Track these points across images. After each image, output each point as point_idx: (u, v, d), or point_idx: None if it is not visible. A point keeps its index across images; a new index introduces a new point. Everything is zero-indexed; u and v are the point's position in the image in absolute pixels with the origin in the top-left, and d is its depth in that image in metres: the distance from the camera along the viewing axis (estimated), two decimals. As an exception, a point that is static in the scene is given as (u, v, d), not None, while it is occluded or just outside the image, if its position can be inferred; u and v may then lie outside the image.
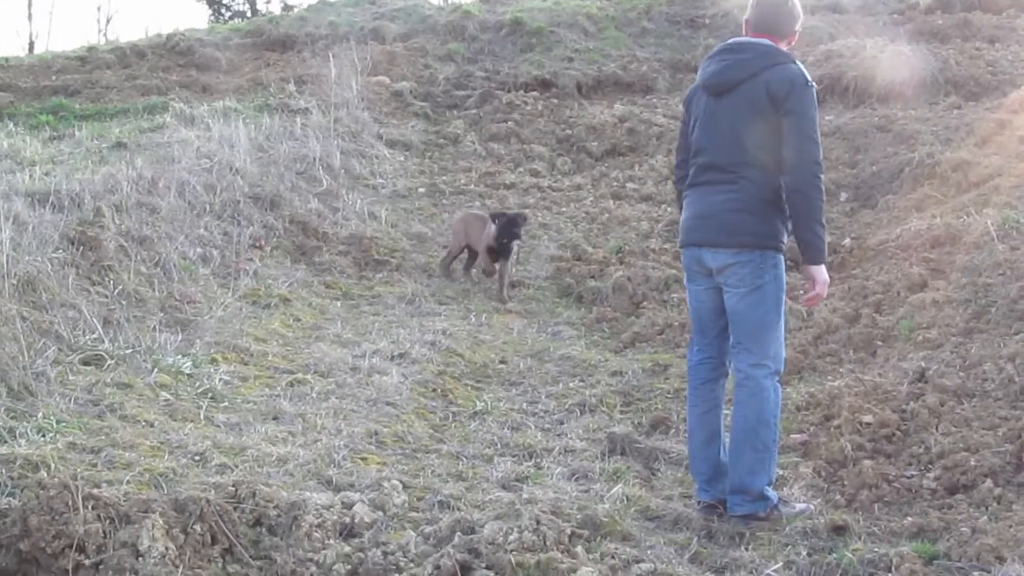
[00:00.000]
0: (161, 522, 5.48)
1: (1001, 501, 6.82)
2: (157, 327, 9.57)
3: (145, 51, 23.71)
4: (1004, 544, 6.24)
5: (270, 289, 11.45)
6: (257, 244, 12.65)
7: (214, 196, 12.87)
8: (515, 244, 13.08)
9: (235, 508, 5.78)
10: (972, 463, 7.18)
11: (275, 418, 8.08)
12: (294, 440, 7.61)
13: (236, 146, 14.69)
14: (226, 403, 8.26)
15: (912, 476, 7.36)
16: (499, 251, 12.93)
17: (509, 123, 19.20)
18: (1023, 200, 11.10)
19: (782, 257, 6.66)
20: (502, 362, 10.43)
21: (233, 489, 5.96)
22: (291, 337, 10.29)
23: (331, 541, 5.80)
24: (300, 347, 9.99)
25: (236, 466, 6.94)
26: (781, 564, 6.25)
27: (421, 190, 16.41)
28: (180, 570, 5.34)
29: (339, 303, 11.69)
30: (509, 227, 12.78)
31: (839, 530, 6.49)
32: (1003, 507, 6.75)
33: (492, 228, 12.85)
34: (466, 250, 13.63)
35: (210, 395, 8.32)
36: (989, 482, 6.99)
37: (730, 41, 6.87)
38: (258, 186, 13.85)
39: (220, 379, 8.66)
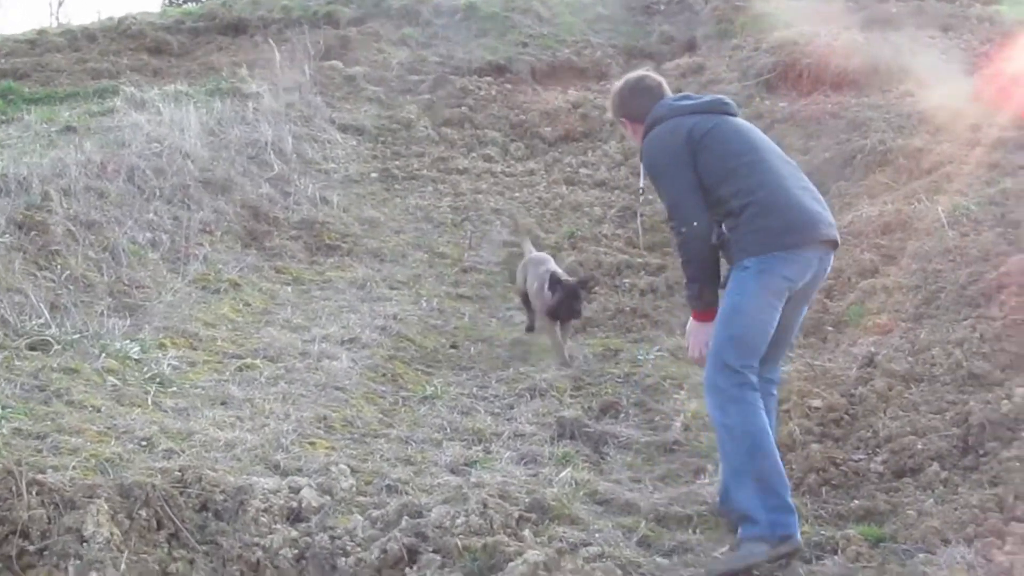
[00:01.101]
0: (106, 507, 5.46)
1: (947, 484, 6.87)
2: (105, 312, 9.49)
3: (96, 34, 23.48)
4: (949, 527, 6.29)
5: (220, 274, 11.39)
6: (207, 229, 12.57)
7: (164, 180, 12.78)
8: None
9: (181, 493, 5.77)
10: (919, 447, 7.23)
11: (223, 403, 8.04)
12: (242, 425, 7.59)
13: (187, 130, 14.59)
14: (174, 388, 8.21)
15: (860, 460, 7.41)
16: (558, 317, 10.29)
17: (463, 108, 19.15)
18: (974, 187, 11.15)
19: None
20: (453, 347, 10.43)
21: (179, 474, 5.95)
22: (240, 322, 10.25)
23: (278, 526, 5.79)
24: (249, 332, 9.94)
25: (183, 451, 6.91)
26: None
27: (374, 175, 16.36)
28: (125, 555, 5.31)
29: (289, 288, 11.64)
30: (569, 303, 10.11)
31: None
32: (949, 490, 6.80)
33: (547, 295, 10.18)
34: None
35: (158, 380, 8.26)
36: (936, 465, 7.04)
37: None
38: (208, 171, 13.77)
39: (168, 364, 8.61)
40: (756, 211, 6.17)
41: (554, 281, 10.11)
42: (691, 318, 6.49)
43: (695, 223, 6.19)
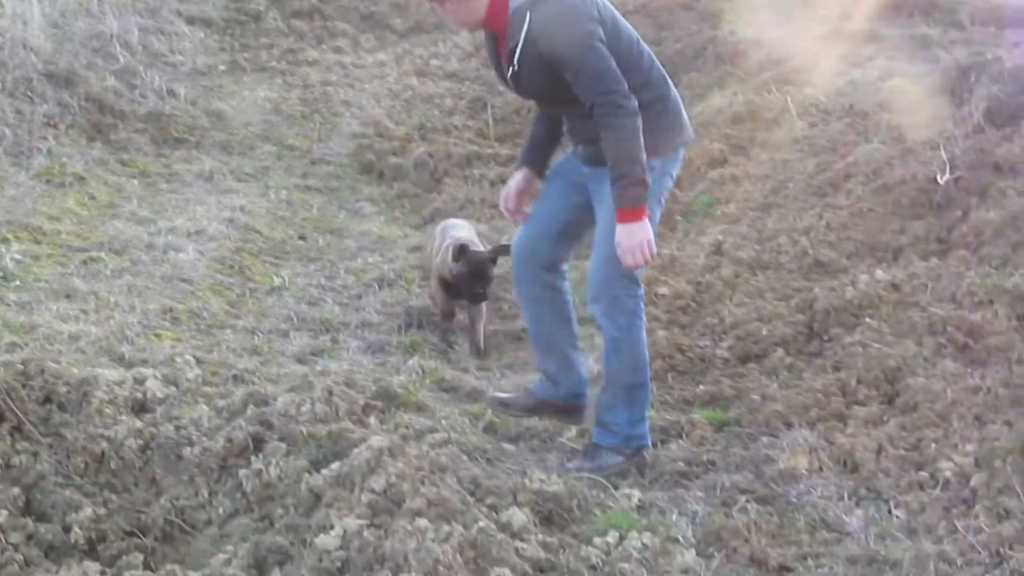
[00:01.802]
0: (-54, 401, 5.42)
1: (791, 369, 7.07)
2: (-55, 207, 9.34)
3: (-69, -77, 22.74)
4: (792, 411, 6.49)
5: (64, 168, 11.18)
6: (51, 123, 12.31)
7: (6, 73, 12.46)
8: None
9: (24, 386, 5.71)
10: (764, 333, 7.42)
11: (67, 296, 7.97)
12: (86, 318, 7.54)
13: (29, 23, 14.18)
14: (17, 282, 8.11)
15: (705, 346, 7.58)
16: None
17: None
18: (823, 78, 11.31)
19: None
20: (301, 238, 10.39)
21: (22, 367, 5.87)
22: (86, 216, 10.11)
23: (123, 416, 5.77)
24: (95, 225, 9.82)
25: (26, 344, 6.86)
26: (575, 432, 6.41)
27: (222, 67, 16.09)
28: (-34, 448, 5.29)
29: (136, 181, 11.46)
30: (472, 282, 7.89)
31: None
32: (793, 375, 7.00)
33: (450, 260, 7.95)
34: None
35: (1, 274, 8.16)
36: (780, 351, 7.23)
37: None
38: (52, 63, 13.43)
39: (11, 258, 8.49)
40: (664, 107, 5.83)
41: (460, 251, 7.85)
42: (627, 220, 5.57)
43: (632, 97, 5.52)
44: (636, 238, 5.53)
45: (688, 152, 10.86)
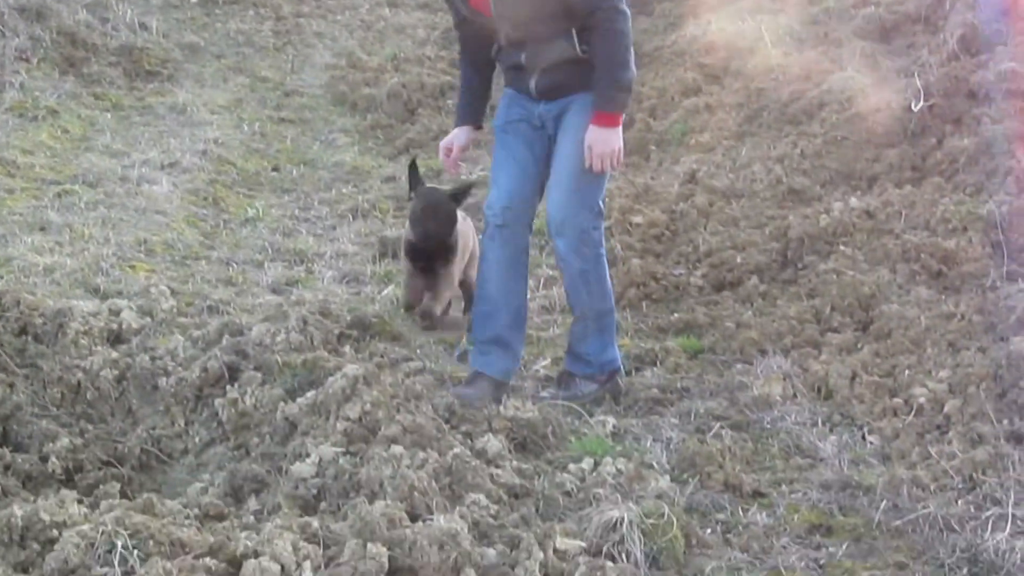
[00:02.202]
0: (-79, 332, 5.41)
1: (766, 297, 7.11)
2: (-82, 138, 9.29)
3: None
4: (767, 338, 6.52)
5: (37, 101, 11.11)
6: (23, 56, 12.23)
7: (-24, 8, 12.41)
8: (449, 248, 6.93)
9: (-1, 317, 5.72)
10: (739, 261, 7.44)
11: (42, 229, 7.95)
12: (61, 250, 7.53)
13: (-1, -45, 14.12)
14: (-10, 215, 8.09)
15: (680, 274, 7.60)
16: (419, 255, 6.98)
17: (283, -70, 18.74)
18: (798, 7, 11.28)
19: None
20: (275, 170, 10.38)
21: (-3, 298, 5.87)
22: (59, 149, 10.06)
23: (98, 347, 5.75)
24: (68, 158, 9.78)
25: (1, 277, 6.84)
26: (549, 360, 6.43)
27: (194, 0, 16.00)
28: (-58, 379, 5.29)
29: (109, 114, 11.42)
30: (426, 218, 6.72)
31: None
32: (767, 303, 7.04)
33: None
34: None
35: (-26, 208, 8.14)
36: (755, 279, 7.26)
37: None
38: (23, -3, 13.37)
39: (-16, 191, 8.47)
40: None
41: (413, 177, 6.81)
42: (604, 125, 5.58)
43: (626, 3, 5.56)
44: (611, 144, 5.57)
45: (662, 81, 10.89)
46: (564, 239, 5.78)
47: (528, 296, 6.18)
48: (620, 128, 5.62)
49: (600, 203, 5.83)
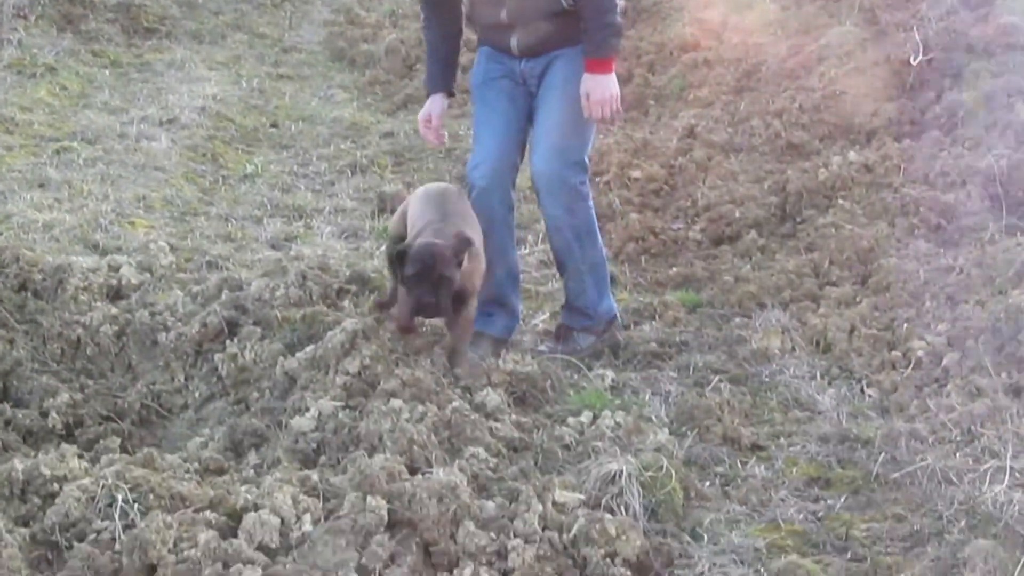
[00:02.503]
0: (-80, 289, 5.42)
1: (764, 251, 7.11)
2: (-85, 97, 9.27)
3: None
4: (765, 292, 6.52)
5: (35, 59, 11.09)
6: (21, 14, 12.20)
7: (-27, -36, 12.35)
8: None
9: (-2, 273, 5.72)
10: (737, 215, 7.43)
11: (41, 185, 7.96)
12: (60, 206, 7.53)
13: (-6, -88, 14.05)
14: (-11, 172, 8.09)
15: (679, 228, 7.59)
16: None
17: None
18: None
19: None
20: (273, 126, 10.36)
21: (-4, 255, 5.87)
22: (57, 106, 10.05)
23: (98, 303, 5.76)
24: (67, 115, 9.77)
25: (0, 233, 6.84)
26: (548, 314, 6.44)
27: (191, -45, 15.94)
28: (-60, 335, 5.30)
29: (107, 71, 11.40)
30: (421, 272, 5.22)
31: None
32: (766, 257, 7.04)
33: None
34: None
35: (-27, 166, 8.13)
36: (753, 233, 7.26)
37: None
38: (20, -47, 13.31)
39: (-17, 149, 8.46)
40: None
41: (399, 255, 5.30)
42: (599, 71, 5.52)
43: None
44: (608, 90, 5.50)
45: (660, 36, 10.85)
46: (554, 198, 5.74)
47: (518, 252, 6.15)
48: (614, 74, 5.54)
49: (586, 158, 5.78)
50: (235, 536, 3.71)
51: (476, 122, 5.99)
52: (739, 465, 4.79)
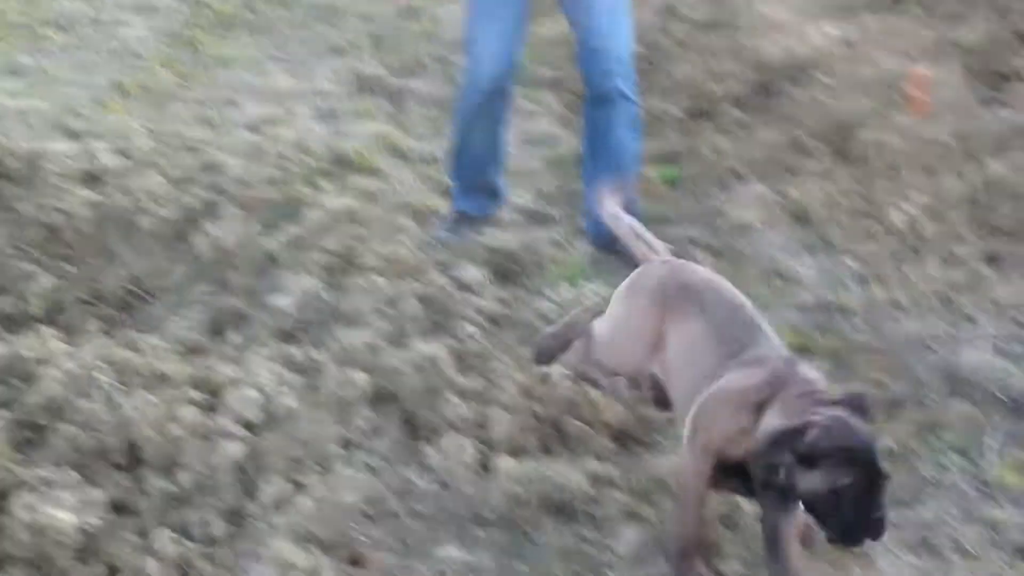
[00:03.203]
0: None
1: (743, 125, 7.06)
2: None
3: None
4: (744, 165, 6.51)
5: (4, -55, 10.95)
6: None
7: None
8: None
9: (-28, 161, 5.69)
10: (716, 90, 7.38)
11: (14, 73, 7.89)
12: (34, 93, 7.46)
13: None
14: (-39, 62, 8.01)
15: (657, 105, 7.55)
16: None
17: None
18: None
19: None
20: (252, 11, 10.22)
21: (-31, 143, 5.83)
22: (29, -8, 9.93)
23: (75, 188, 5.73)
24: (39, 2, 9.62)
25: (-28, 122, 6.81)
26: (533, 194, 6.43)
27: None
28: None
29: (79, -43, 11.24)
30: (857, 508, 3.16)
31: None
32: (745, 131, 6.99)
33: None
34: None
35: (-55, 54, 8.05)
36: (732, 107, 7.21)
37: None
38: None
39: (-45, 38, 8.37)
40: None
41: (806, 448, 3.17)
42: None
43: None
44: None
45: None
46: (628, 81, 5.61)
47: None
48: None
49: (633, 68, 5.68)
50: (217, 412, 3.74)
51: (474, 21, 5.64)
52: (719, 335, 4.81)
